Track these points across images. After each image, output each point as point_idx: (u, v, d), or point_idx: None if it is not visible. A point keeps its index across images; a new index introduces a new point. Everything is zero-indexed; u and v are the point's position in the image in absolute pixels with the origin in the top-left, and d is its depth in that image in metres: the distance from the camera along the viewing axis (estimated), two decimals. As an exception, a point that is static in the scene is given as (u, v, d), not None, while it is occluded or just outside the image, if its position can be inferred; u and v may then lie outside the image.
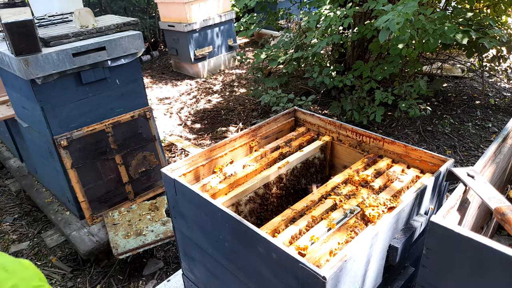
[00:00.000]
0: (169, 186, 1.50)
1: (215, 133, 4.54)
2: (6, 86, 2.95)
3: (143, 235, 2.56)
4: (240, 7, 6.26)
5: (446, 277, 1.01)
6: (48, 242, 2.96)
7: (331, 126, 1.88)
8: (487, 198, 1.08)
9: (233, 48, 6.73)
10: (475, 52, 4.01)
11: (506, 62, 4.57)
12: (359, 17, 4.27)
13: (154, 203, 2.88)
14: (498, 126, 4.14)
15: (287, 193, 1.79)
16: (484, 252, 0.89)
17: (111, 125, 2.76)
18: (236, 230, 1.24)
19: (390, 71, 3.87)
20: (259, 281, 1.25)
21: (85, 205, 2.76)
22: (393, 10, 2.94)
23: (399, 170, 1.58)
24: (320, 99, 4.92)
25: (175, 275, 2.39)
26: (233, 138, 1.77)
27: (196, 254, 1.59)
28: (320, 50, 3.90)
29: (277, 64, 4.46)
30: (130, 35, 2.66)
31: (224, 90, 5.83)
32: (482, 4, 4.48)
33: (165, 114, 5.21)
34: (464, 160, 3.65)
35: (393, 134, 4.14)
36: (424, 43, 3.42)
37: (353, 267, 1.09)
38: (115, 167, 2.87)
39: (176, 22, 6.09)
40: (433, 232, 0.97)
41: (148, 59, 7.60)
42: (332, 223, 1.29)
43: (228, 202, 1.52)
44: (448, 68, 5.58)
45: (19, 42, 2.22)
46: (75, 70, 2.50)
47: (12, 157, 3.99)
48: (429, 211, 1.44)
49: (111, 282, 2.61)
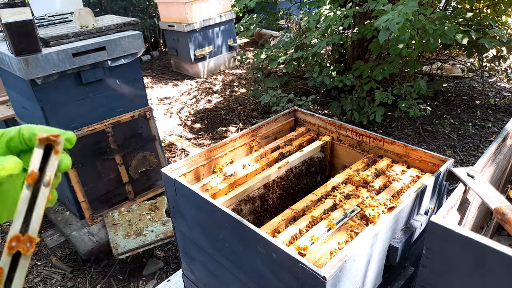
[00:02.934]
0: (169, 186, 1.50)
1: (215, 133, 4.54)
2: (6, 86, 2.95)
3: (143, 235, 2.56)
4: (240, 7, 6.26)
5: (446, 277, 1.01)
6: (48, 242, 2.96)
7: (331, 126, 1.88)
8: (487, 198, 1.08)
9: (233, 48, 6.73)
10: (475, 52, 4.01)
11: (506, 62, 4.57)
12: (359, 17, 4.27)
13: (154, 203, 2.88)
14: (498, 126, 4.14)
15: (287, 193, 1.79)
16: (484, 252, 0.89)
17: (111, 125, 2.76)
18: (236, 230, 1.24)
19: (390, 71, 3.87)
20: (259, 281, 1.25)
21: (85, 205, 2.76)
22: (393, 10, 2.94)
23: (399, 170, 1.58)
24: (320, 99, 4.92)
25: (175, 275, 2.39)
26: (233, 138, 1.77)
27: (196, 254, 1.59)
28: (320, 50, 3.90)
29: (277, 64, 4.46)
30: (130, 35, 2.66)
31: (224, 90, 5.83)
32: (482, 4, 4.48)
33: (165, 114, 5.21)
34: (464, 160, 3.65)
35: (393, 134, 4.14)
36: (424, 43, 3.42)
37: (353, 267, 1.09)
38: (115, 167, 2.87)
39: (176, 22, 6.09)
40: (433, 232, 0.97)
41: (148, 59, 7.60)
42: (332, 223, 1.29)
43: (228, 202, 1.52)
44: (448, 68, 5.58)
45: (19, 42, 2.22)
46: (75, 70, 2.50)
47: (12, 157, 3.99)
48: (429, 211, 1.44)
49: (111, 282, 2.61)
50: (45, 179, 0.58)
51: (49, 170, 0.58)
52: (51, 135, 0.58)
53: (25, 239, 0.55)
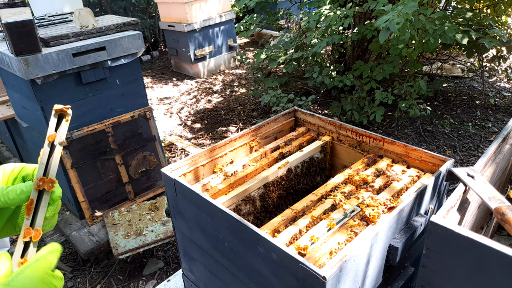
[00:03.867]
0: (169, 186, 1.50)
1: (215, 133, 4.54)
2: (6, 86, 2.95)
3: (143, 235, 2.56)
4: (240, 7, 6.27)
5: (446, 277, 1.01)
6: (48, 242, 2.96)
7: (331, 126, 1.88)
8: (487, 198, 1.08)
9: (233, 48, 6.73)
10: (475, 52, 4.01)
11: (506, 62, 4.57)
12: (359, 17, 4.27)
13: (154, 203, 2.88)
14: (498, 126, 4.14)
15: (287, 193, 1.79)
16: (484, 252, 0.89)
17: (111, 125, 2.76)
18: (236, 230, 1.24)
19: (390, 71, 3.87)
20: (259, 281, 1.25)
21: (85, 205, 2.76)
22: (393, 10, 2.94)
23: (399, 170, 1.58)
24: (320, 99, 4.92)
25: (175, 275, 2.39)
26: (233, 138, 1.77)
27: (196, 254, 1.59)
28: (320, 50, 3.90)
29: (277, 64, 4.46)
30: (130, 35, 2.66)
31: (224, 90, 5.83)
32: (482, 4, 4.48)
33: (165, 114, 5.21)
34: (464, 160, 3.65)
35: (393, 134, 4.14)
36: (424, 43, 3.42)
37: (353, 267, 1.09)
38: (115, 167, 2.87)
39: (176, 22, 6.09)
40: (433, 232, 0.97)
41: (148, 59, 7.60)
42: (332, 223, 1.29)
43: (228, 202, 1.52)
44: (448, 68, 5.58)
45: (19, 42, 2.22)
46: (75, 70, 2.50)
47: (12, 157, 3.99)
48: (429, 211, 1.44)
49: (111, 282, 2.61)
50: (60, 139, 0.80)
51: (62, 133, 0.80)
52: (64, 107, 0.80)
53: (48, 180, 0.79)
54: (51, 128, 0.79)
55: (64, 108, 0.80)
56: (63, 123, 0.80)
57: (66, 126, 0.80)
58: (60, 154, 0.80)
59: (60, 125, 0.80)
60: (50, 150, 0.79)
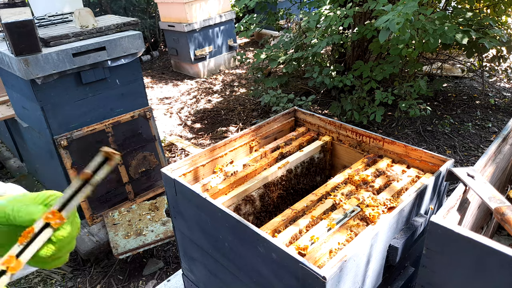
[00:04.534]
0: (169, 186, 1.50)
1: (215, 133, 4.54)
2: (6, 86, 2.95)
3: (143, 235, 2.56)
4: (240, 7, 6.27)
5: (446, 277, 1.01)
6: (48, 242, 2.96)
7: (331, 126, 1.88)
8: (487, 198, 1.08)
9: (233, 48, 6.73)
10: (475, 52, 4.01)
11: (506, 62, 4.57)
12: (359, 17, 4.27)
13: (154, 203, 2.88)
14: (498, 126, 4.14)
15: (287, 193, 1.79)
16: (484, 252, 0.89)
17: (111, 125, 2.76)
18: (236, 230, 1.24)
19: (390, 71, 3.87)
20: (259, 281, 1.25)
21: (85, 205, 2.76)
22: (393, 10, 2.94)
23: (399, 170, 1.58)
24: (320, 99, 4.92)
25: (175, 275, 2.39)
26: (233, 138, 1.77)
27: (196, 254, 1.59)
28: (320, 50, 3.90)
29: (277, 64, 4.46)
30: (130, 35, 2.66)
31: (224, 90, 5.83)
32: (482, 4, 4.48)
33: (165, 114, 5.21)
34: (464, 160, 3.65)
35: (393, 134, 4.14)
36: (424, 43, 3.42)
37: (353, 267, 1.09)
38: (115, 167, 2.87)
39: (176, 22, 6.09)
40: (433, 232, 0.97)
41: (148, 59, 7.60)
42: (332, 223, 1.29)
43: (228, 202, 1.52)
44: (448, 68, 5.58)
45: (19, 42, 2.22)
46: (75, 70, 2.50)
47: (12, 157, 3.99)
48: (429, 211, 1.44)
49: (111, 282, 2.61)
50: (94, 179, 0.75)
51: (99, 175, 0.76)
52: (114, 152, 0.76)
53: (58, 215, 0.72)
54: (90, 167, 0.75)
55: (112, 153, 0.76)
56: (105, 167, 0.77)
57: (107, 170, 0.77)
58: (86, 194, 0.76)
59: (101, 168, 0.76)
60: (79, 187, 0.74)
